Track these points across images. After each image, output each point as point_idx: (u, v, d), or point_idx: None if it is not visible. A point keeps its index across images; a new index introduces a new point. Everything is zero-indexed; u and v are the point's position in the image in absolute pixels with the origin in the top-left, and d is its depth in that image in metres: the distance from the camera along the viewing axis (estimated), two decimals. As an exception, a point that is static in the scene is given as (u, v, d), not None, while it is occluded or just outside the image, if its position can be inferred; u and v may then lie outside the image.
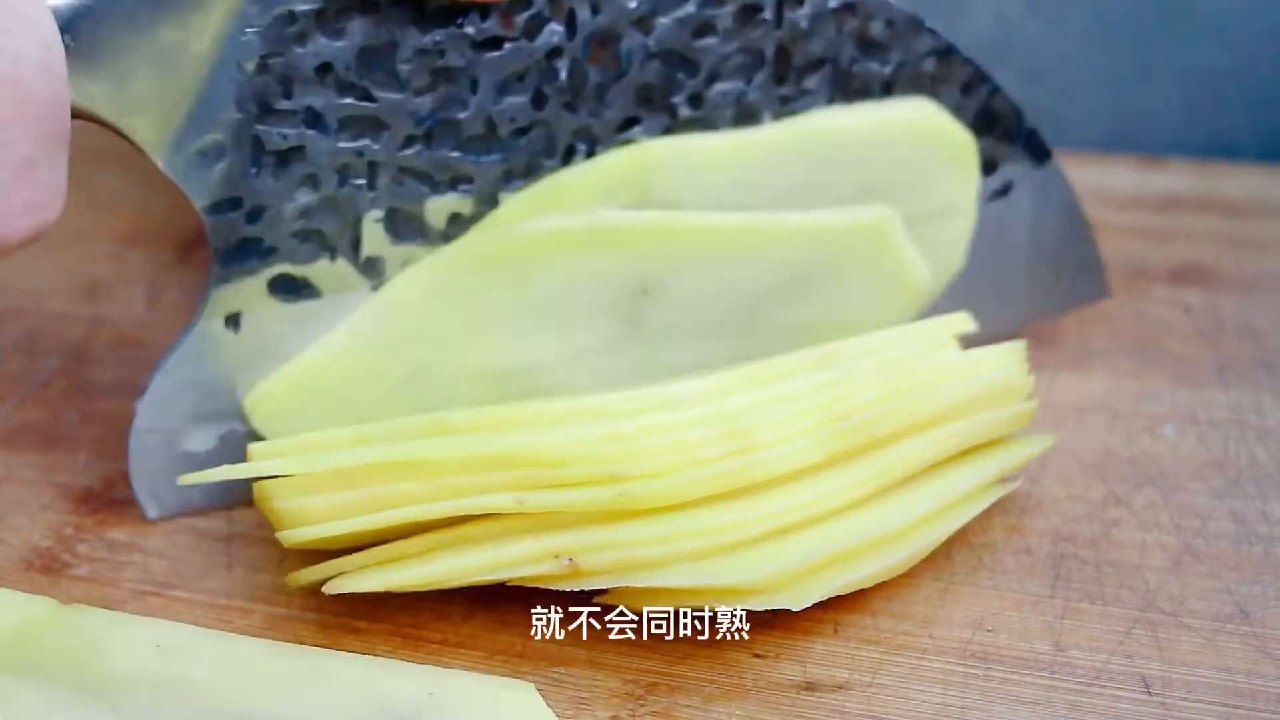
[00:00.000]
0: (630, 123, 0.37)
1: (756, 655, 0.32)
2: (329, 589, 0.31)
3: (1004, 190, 0.41)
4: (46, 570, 0.34)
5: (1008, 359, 0.36)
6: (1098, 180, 0.54)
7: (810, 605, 0.31)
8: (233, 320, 0.35)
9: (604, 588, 0.31)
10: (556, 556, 0.31)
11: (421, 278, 0.36)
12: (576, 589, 0.31)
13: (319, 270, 0.35)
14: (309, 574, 0.32)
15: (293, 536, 0.31)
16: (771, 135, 0.38)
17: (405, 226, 0.36)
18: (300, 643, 0.32)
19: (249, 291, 0.35)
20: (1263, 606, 0.33)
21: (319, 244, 0.35)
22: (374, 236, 0.36)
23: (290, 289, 0.35)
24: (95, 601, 0.33)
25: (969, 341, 0.36)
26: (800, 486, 0.32)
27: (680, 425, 0.32)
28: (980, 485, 0.35)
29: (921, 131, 0.39)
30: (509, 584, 0.31)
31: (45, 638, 0.31)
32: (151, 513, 0.36)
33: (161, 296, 0.46)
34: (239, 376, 0.36)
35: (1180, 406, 0.40)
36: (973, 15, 0.58)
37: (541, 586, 0.31)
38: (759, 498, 0.32)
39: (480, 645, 0.32)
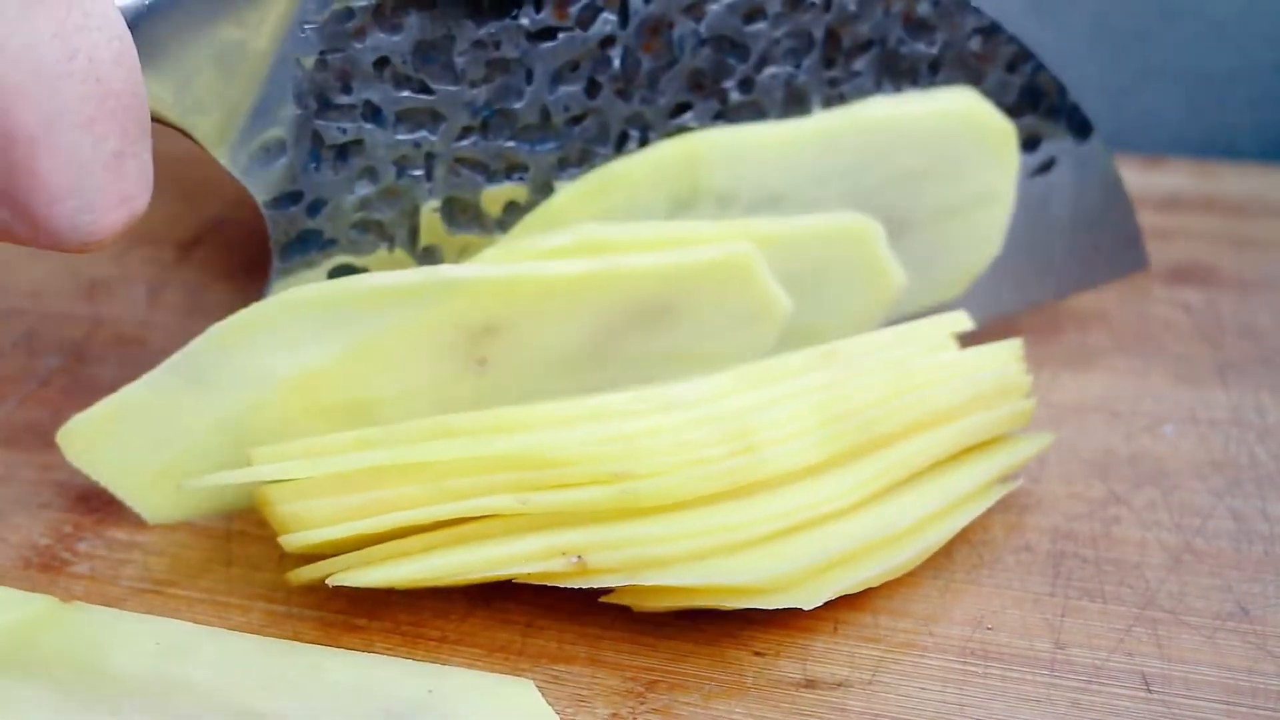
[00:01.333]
0: (682, 108, 0.37)
1: (756, 653, 0.32)
2: (332, 582, 0.31)
3: (1046, 166, 0.41)
4: (46, 568, 0.34)
5: (1006, 357, 0.36)
6: (1098, 180, 0.54)
7: (811, 603, 0.31)
8: None
9: (610, 586, 0.31)
10: (564, 554, 0.31)
11: (244, 321, 0.34)
12: (584, 587, 0.31)
13: (378, 260, 0.36)
14: (310, 571, 0.32)
15: (295, 540, 0.31)
16: (817, 124, 0.38)
17: (462, 215, 0.36)
18: (299, 640, 0.32)
19: (309, 282, 0.35)
20: (1263, 604, 0.33)
21: (378, 234, 0.36)
22: (431, 226, 0.36)
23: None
24: (95, 599, 0.33)
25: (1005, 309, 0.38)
26: (804, 486, 0.32)
27: (682, 425, 0.32)
28: (982, 484, 0.35)
29: (963, 119, 0.39)
30: (514, 581, 0.31)
31: (45, 635, 0.31)
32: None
33: (161, 296, 0.46)
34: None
35: (1180, 405, 0.40)
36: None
37: (546, 585, 0.31)
38: (763, 497, 0.32)
39: (480, 643, 0.32)
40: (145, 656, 0.30)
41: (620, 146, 0.37)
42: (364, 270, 0.36)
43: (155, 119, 0.32)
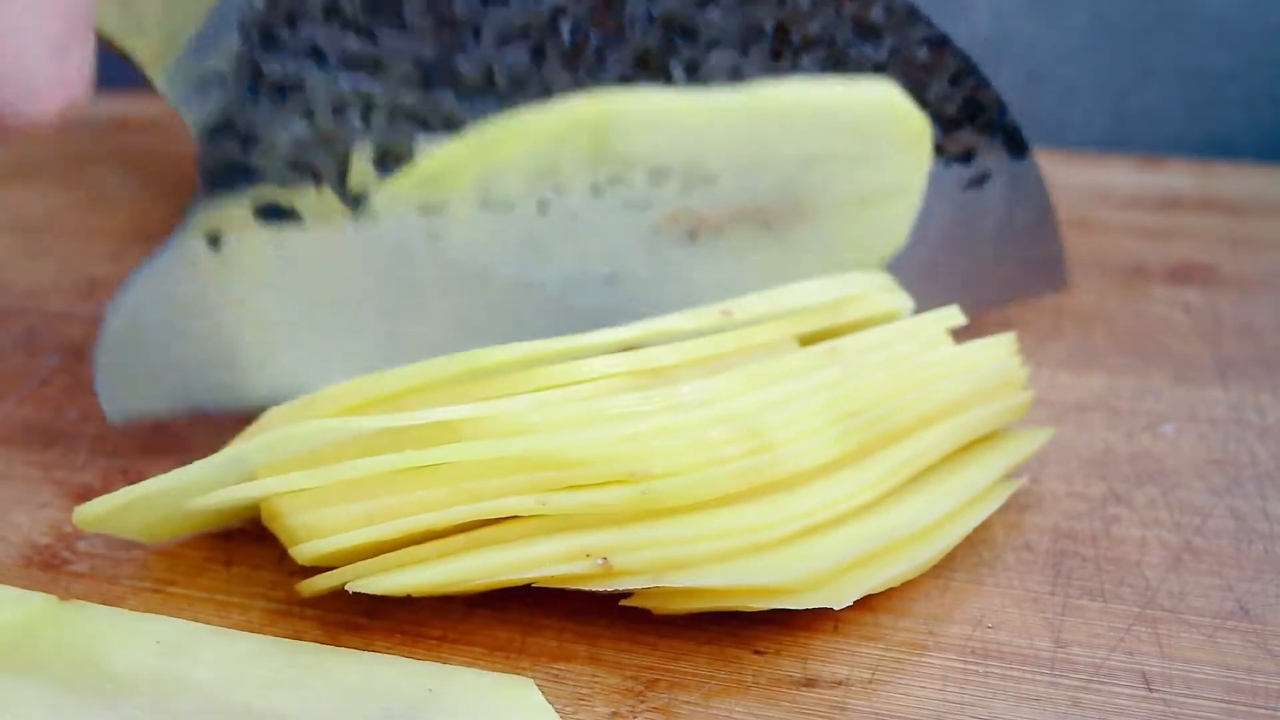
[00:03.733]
0: (626, 82, 0.37)
1: (757, 652, 0.32)
2: (351, 588, 0.31)
3: (980, 180, 0.42)
4: (46, 567, 0.34)
5: (1002, 351, 0.36)
6: (1098, 180, 0.54)
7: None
8: (214, 240, 0.36)
9: (631, 589, 0.31)
10: (588, 555, 0.30)
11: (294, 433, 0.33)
12: (608, 589, 0.31)
13: (305, 198, 0.36)
14: (323, 580, 0.32)
15: (308, 550, 0.31)
16: (734, 96, 0.38)
17: (393, 163, 0.37)
18: (300, 639, 0.32)
19: (233, 214, 0.36)
20: (1263, 603, 0.33)
21: (308, 174, 0.36)
22: (362, 170, 0.36)
23: (275, 214, 0.36)
24: (95, 598, 0.33)
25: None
26: (821, 484, 0.32)
27: (694, 425, 0.31)
28: (994, 480, 0.35)
29: (879, 108, 0.39)
30: (534, 585, 0.31)
31: (45, 634, 0.31)
32: (111, 414, 0.37)
33: (161, 295, 0.46)
34: (213, 294, 0.36)
35: (1180, 404, 0.40)
36: (973, 15, 0.58)
37: (569, 588, 0.31)
38: (782, 496, 0.32)
39: (480, 641, 0.32)
40: (145, 655, 0.30)
41: None
42: (289, 207, 0.36)
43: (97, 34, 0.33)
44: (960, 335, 0.36)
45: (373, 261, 0.37)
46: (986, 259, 0.43)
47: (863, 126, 0.39)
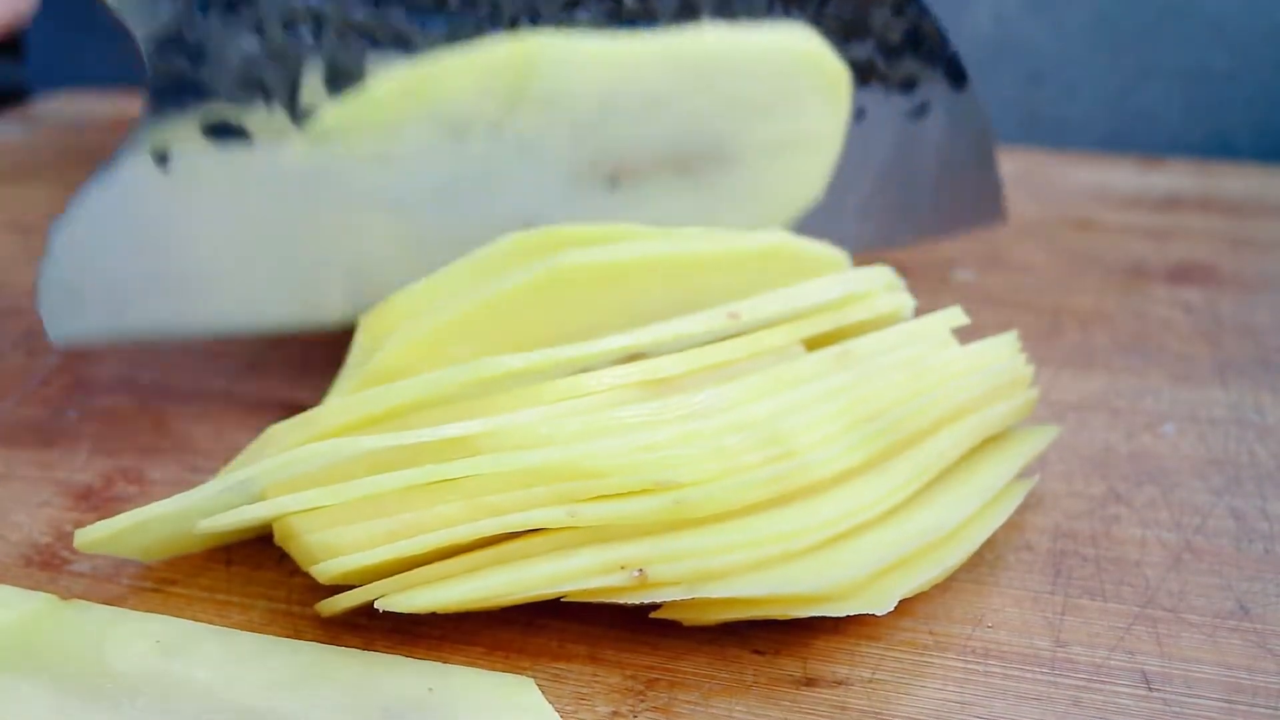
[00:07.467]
0: (574, 4, 0.37)
1: (756, 651, 0.32)
2: (380, 606, 0.30)
3: (921, 110, 0.42)
4: (46, 566, 0.34)
5: (1008, 350, 0.36)
6: (1098, 180, 0.54)
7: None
8: (162, 158, 0.35)
9: (661, 601, 0.30)
10: (623, 568, 0.30)
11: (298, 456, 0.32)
12: (642, 602, 0.30)
13: (254, 116, 0.36)
14: (345, 599, 0.31)
15: (329, 569, 0.30)
16: (656, 43, 0.38)
17: (344, 82, 0.36)
18: (300, 639, 0.32)
19: (181, 132, 0.35)
20: (1262, 603, 0.33)
21: (257, 90, 0.36)
22: (312, 89, 0.36)
23: (224, 132, 0.36)
24: (95, 597, 0.33)
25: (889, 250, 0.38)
26: (847, 490, 0.32)
27: (712, 433, 0.31)
28: (1011, 480, 0.35)
29: (799, 57, 0.40)
30: (565, 599, 0.31)
31: (45, 633, 0.31)
32: (54, 335, 0.36)
33: (162, 295, 0.46)
34: (161, 214, 0.36)
35: (1180, 404, 0.40)
36: (972, 15, 0.58)
37: (603, 601, 0.31)
38: (810, 502, 0.32)
39: (480, 641, 0.32)
40: (145, 654, 0.30)
41: (512, 32, 0.37)
42: (239, 125, 0.36)
43: None
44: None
45: (310, 187, 0.37)
46: (926, 190, 0.43)
47: (781, 73, 0.40)
